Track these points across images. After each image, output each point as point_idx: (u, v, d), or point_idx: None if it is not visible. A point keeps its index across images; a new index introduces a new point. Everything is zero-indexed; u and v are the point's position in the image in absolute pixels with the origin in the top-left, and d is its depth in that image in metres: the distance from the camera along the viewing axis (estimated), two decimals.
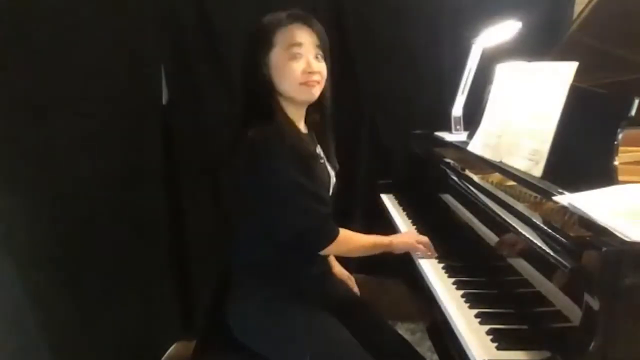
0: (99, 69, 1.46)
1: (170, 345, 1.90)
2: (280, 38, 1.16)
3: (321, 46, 1.19)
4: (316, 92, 1.19)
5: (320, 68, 1.18)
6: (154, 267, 1.76)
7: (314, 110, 1.27)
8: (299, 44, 1.15)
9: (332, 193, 1.28)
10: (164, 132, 1.79)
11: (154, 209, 1.74)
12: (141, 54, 1.64)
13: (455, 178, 1.34)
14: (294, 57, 1.15)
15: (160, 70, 1.76)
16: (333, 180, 1.29)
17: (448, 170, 1.40)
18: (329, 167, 1.29)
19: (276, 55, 1.16)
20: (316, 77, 1.17)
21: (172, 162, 1.83)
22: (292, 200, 1.11)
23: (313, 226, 1.13)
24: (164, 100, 1.80)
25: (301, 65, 1.15)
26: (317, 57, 1.18)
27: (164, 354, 1.87)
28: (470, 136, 1.48)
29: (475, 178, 1.24)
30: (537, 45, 1.64)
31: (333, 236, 1.16)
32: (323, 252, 1.19)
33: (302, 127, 1.27)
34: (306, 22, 1.18)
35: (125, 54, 1.56)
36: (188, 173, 1.88)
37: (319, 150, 1.28)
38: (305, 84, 1.16)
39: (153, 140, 1.74)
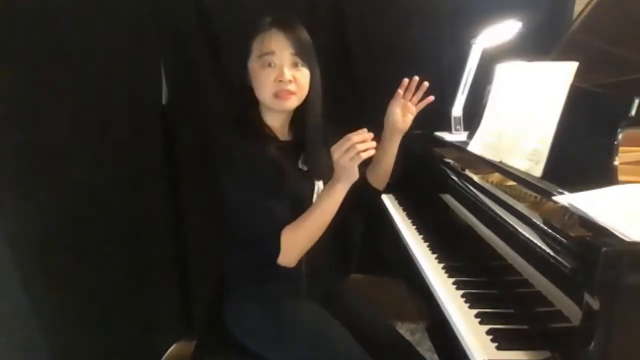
0: (98, 68, 1.46)
1: (170, 345, 1.90)
2: (255, 45, 1.15)
3: (299, 53, 1.14)
4: (291, 103, 1.16)
5: (299, 76, 1.15)
6: (154, 267, 1.76)
7: (300, 116, 1.22)
8: (272, 52, 1.13)
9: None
10: (164, 131, 1.79)
11: (154, 209, 1.74)
12: (141, 54, 1.64)
13: (455, 178, 1.34)
14: (267, 65, 1.13)
15: (160, 70, 1.76)
16: (319, 188, 1.24)
17: (448, 170, 1.40)
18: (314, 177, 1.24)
19: (252, 63, 1.17)
20: (291, 87, 1.13)
21: (172, 162, 1.83)
22: (238, 214, 1.17)
23: (257, 242, 1.13)
24: (164, 100, 1.80)
25: (273, 74, 1.13)
26: (295, 65, 1.15)
27: (164, 354, 1.87)
28: (470, 136, 1.48)
29: (475, 178, 1.24)
30: (537, 45, 1.64)
31: (275, 253, 1.08)
32: (283, 264, 1.10)
33: (285, 134, 1.24)
34: (283, 28, 1.14)
35: (125, 53, 1.56)
36: (188, 173, 1.87)
37: (300, 161, 1.24)
38: (278, 95, 1.13)
39: (153, 140, 1.74)
